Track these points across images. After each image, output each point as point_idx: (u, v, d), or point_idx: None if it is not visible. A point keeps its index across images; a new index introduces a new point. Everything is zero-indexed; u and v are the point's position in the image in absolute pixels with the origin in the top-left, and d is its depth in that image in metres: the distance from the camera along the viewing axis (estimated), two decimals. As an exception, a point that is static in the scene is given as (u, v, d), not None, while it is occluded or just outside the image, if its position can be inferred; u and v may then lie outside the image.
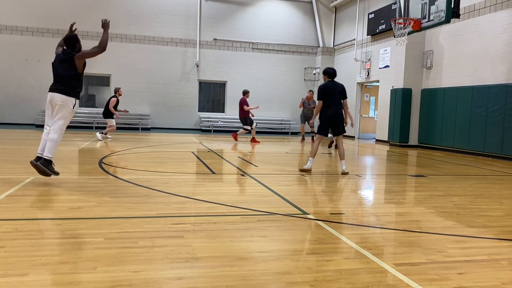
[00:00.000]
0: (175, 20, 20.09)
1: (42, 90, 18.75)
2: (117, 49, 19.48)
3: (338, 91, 7.69)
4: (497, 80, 11.70)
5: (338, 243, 3.58)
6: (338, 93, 7.68)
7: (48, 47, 18.83)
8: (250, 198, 5.34)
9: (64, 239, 3.46)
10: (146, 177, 6.66)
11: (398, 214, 4.88)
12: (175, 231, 3.74)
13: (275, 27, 21.23)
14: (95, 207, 4.51)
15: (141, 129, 19.26)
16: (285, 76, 21.49)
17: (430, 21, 10.41)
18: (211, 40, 20.58)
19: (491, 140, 11.77)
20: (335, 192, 6.31)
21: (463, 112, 12.85)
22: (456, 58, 13.30)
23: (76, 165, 8.00)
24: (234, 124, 20.37)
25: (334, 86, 7.72)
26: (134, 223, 3.95)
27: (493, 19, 11.88)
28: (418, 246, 3.57)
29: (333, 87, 7.70)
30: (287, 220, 4.30)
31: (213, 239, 3.55)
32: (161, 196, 5.21)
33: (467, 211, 5.01)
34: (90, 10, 19.15)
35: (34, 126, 18.42)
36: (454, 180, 7.58)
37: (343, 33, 20.74)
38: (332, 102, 7.64)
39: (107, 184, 5.95)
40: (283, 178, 7.22)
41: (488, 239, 3.92)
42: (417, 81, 14.96)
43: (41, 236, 3.49)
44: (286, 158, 10.71)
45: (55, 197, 5.00)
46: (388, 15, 15.51)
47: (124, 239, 3.46)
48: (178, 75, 20.23)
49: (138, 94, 19.83)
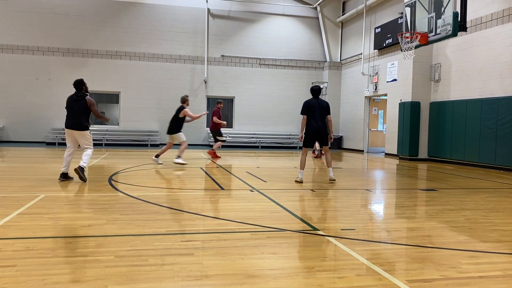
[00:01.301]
0: (183, 38, 20.35)
1: (52, 108, 19.03)
2: (126, 67, 19.75)
3: (320, 107, 8.27)
4: (506, 92, 11.64)
5: (350, 260, 3.54)
6: (321, 109, 8.26)
7: (58, 66, 19.17)
8: (260, 214, 5.32)
9: (75, 257, 3.47)
10: (156, 193, 6.67)
11: (409, 229, 4.83)
12: (185, 248, 3.73)
13: (282, 42, 21.40)
14: (105, 225, 4.52)
15: (150, 146, 19.37)
16: (292, 91, 21.56)
17: (437, 34, 10.41)
18: (218, 56, 20.77)
19: (502, 153, 11.65)
20: (345, 207, 6.26)
21: (472, 125, 12.76)
22: (464, 70, 13.27)
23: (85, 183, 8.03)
24: (242, 139, 20.43)
25: (317, 102, 8.30)
26: (144, 241, 3.95)
27: (500, 32, 11.87)
28: (431, 262, 3.52)
29: (316, 103, 8.28)
30: (297, 236, 4.27)
31: (223, 256, 3.53)
32: (170, 213, 5.21)
33: (479, 225, 4.94)
34: (99, 29, 19.49)
35: (44, 143, 18.62)
36: (466, 193, 7.49)
37: (350, 47, 20.83)
38: (315, 117, 8.24)
39: (117, 201, 5.97)
40: (293, 193, 7.19)
41: (502, 254, 3.85)
42: (425, 94, 14.92)
43: (52, 255, 3.50)
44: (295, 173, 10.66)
45: (66, 215, 5.03)
46: (395, 29, 15.58)
47: (134, 257, 3.45)
48: (186, 91, 20.36)
49: (147, 111, 20.00)
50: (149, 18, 19.98)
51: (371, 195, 7.37)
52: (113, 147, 18.48)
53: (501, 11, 11.82)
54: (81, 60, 19.36)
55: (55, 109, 19.09)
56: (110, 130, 19.77)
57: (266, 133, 21.11)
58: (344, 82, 21.28)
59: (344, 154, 17.31)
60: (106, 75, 19.58)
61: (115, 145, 19.18)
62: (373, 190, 7.81)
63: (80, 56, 19.36)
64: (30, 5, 18.84)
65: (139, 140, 19.61)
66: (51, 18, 19.00)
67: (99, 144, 19.05)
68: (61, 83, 19.15)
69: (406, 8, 11.51)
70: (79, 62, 19.32)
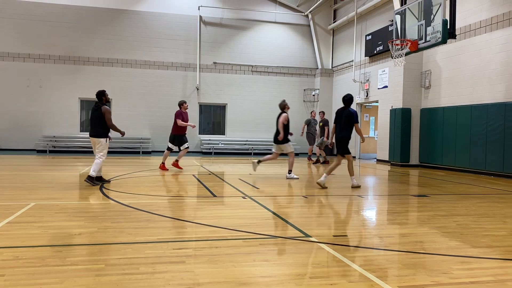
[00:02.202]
0: (176, 45, 20.37)
1: (43, 116, 18.90)
2: (118, 74, 19.70)
3: (344, 117, 8.60)
4: (495, 99, 11.78)
5: (342, 266, 3.54)
6: (344, 119, 8.58)
7: (49, 74, 19.06)
8: (252, 221, 5.30)
9: (65, 266, 3.43)
10: (147, 201, 6.63)
11: (401, 235, 4.84)
12: (177, 256, 3.71)
13: (274, 50, 21.50)
14: (96, 233, 4.48)
15: (142, 153, 19.28)
16: (285, 98, 21.50)
17: (427, 42, 10.53)
18: (211, 63, 20.81)
19: (492, 159, 11.76)
20: (338, 213, 6.27)
21: (463, 131, 12.88)
22: (454, 77, 13.42)
23: (76, 190, 7.97)
24: (234, 146, 20.42)
25: (342, 112, 8.71)
26: (135, 249, 3.92)
27: (489, 39, 12.03)
28: (423, 268, 3.53)
29: (341, 113, 8.72)
30: (289, 243, 4.27)
31: (215, 264, 3.52)
32: (162, 221, 5.18)
33: (470, 231, 4.97)
34: (91, 37, 19.45)
35: (35, 151, 18.46)
36: (457, 199, 7.54)
37: (341, 54, 20.97)
38: (339, 126, 8.71)
39: (108, 209, 5.92)
40: (285, 200, 7.19)
41: (493, 259, 3.88)
42: (416, 101, 15.04)
43: (41, 264, 3.46)
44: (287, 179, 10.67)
45: (56, 223, 4.98)
46: (385, 36, 15.72)
47: (126, 265, 3.43)
48: (178, 98, 20.26)
49: (139, 118, 19.94)
50: (141, 26, 19.98)
51: (363, 201, 7.38)
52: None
53: (490, 19, 11.99)
54: (72, 67, 19.28)
55: (46, 117, 18.98)
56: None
57: (258, 139, 21.13)
58: (336, 89, 21.40)
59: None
60: (98, 82, 19.48)
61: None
62: (365, 196, 7.84)
63: (71, 63, 19.28)
64: (21, 12, 18.76)
65: (130, 147, 19.51)
66: (42, 25, 18.92)
67: (90, 151, 18.92)
68: (52, 90, 19.05)
69: (396, 15, 11.64)
70: (70, 70, 19.24)
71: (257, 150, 20.67)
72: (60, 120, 19.11)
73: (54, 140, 18.89)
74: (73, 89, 19.29)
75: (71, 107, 19.34)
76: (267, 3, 21.40)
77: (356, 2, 18.96)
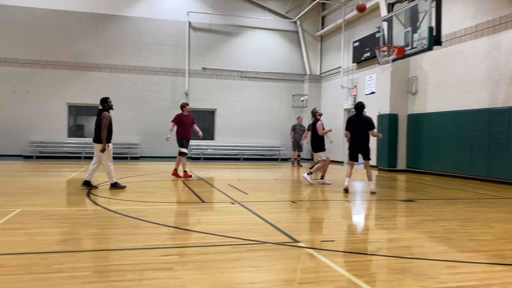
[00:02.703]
0: (164, 50, 20.32)
1: (29, 121, 18.67)
2: (106, 79, 19.57)
3: (359, 123, 8.81)
4: (481, 105, 11.95)
5: (330, 272, 3.55)
6: (359, 125, 8.80)
7: (36, 79, 18.86)
8: (240, 227, 5.29)
9: (50, 273, 3.38)
10: (135, 207, 6.58)
11: (389, 240, 4.87)
12: (164, 263, 3.68)
13: (263, 55, 21.57)
14: (83, 240, 4.43)
15: (130, 158, 19.14)
16: (273, 103, 21.70)
17: (413, 48, 10.66)
18: (200, 69, 20.79)
19: (477, 164, 11.91)
20: (326, 219, 6.29)
21: (449, 137, 13.03)
22: (440, 83, 13.59)
23: (64, 196, 7.89)
24: (223, 151, 20.38)
25: (356, 118, 8.90)
26: (122, 256, 3.88)
27: (474, 46, 12.22)
28: (410, 273, 3.55)
29: (355, 119, 8.90)
30: (278, 249, 4.26)
31: (202, 270, 3.50)
32: (150, 227, 5.14)
33: (457, 235, 5.02)
34: (78, 42, 19.31)
35: (21, 157, 18.22)
36: (444, 204, 7.61)
37: (329, 61, 21.12)
38: (353, 132, 8.88)
39: (95, 216, 5.86)
40: (274, 205, 7.19)
41: (479, 264, 3.92)
42: (403, 107, 15.19)
43: (26, 271, 3.41)
44: (276, 185, 10.69)
45: (42, 230, 4.91)
46: (373, 43, 15.87)
47: (112, 273, 3.39)
48: (167, 103, 20.30)
49: (127, 123, 19.79)
50: (130, 31, 19.91)
51: (351, 206, 7.41)
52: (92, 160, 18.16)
53: (474, 26, 12.19)
54: (60, 72, 19.11)
55: (33, 122, 18.75)
56: (89, 143, 19.36)
57: (247, 145, 21.12)
58: (324, 94, 21.53)
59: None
60: (86, 88, 19.36)
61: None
62: (353, 202, 7.87)
63: (59, 68, 19.11)
64: (8, 17, 18.56)
65: (118, 153, 19.31)
66: (29, 30, 18.74)
67: (77, 157, 18.75)
68: (39, 95, 18.84)
69: (383, 22, 11.78)
70: (58, 75, 19.07)
71: (246, 155, 20.66)
72: (47, 126, 18.89)
73: (41, 146, 18.66)
74: (61, 94, 19.10)
75: (59, 113, 19.14)
76: (256, 9, 21.49)
77: (344, 9, 19.14)
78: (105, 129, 8.26)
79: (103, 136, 8.26)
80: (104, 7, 19.62)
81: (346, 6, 19.06)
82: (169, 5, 20.37)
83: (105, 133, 8.28)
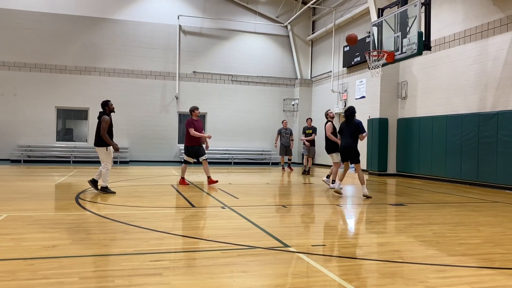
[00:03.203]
0: (155, 54, 20.26)
1: (18, 125, 18.48)
2: (95, 83, 19.45)
3: (349, 127, 8.99)
4: (469, 109, 12.07)
5: (321, 276, 3.53)
6: (349, 129, 8.97)
7: (24, 82, 18.68)
8: (231, 232, 5.26)
9: (37, 280, 3.32)
10: (124, 212, 6.52)
11: (379, 244, 4.87)
12: (154, 268, 3.64)
13: (254, 59, 21.61)
14: (70, 245, 4.37)
15: (120, 163, 19.00)
16: (264, 107, 21.73)
17: (403, 53, 10.74)
18: (190, 72, 20.76)
19: (466, 168, 12.02)
20: (316, 223, 6.28)
21: (438, 141, 13.14)
22: (430, 88, 13.71)
23: (51, 201, 7.78)
24: (214, 155, 20.32)
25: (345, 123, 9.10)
26: (111, 261, 3.83)
27: (462, 51, 12.36)
28: (400, 277, 3.56)
29: (344, 124, 9.11)
30: (268, 253, 4.24)
31: (192, 276, 3.46)
32: (139, 232, 5.09)
33: (446, 239, 5.05)
34: (68, 45, 19.18)
35: (9, 161, 17.99)
36: (433, 208, 7.65)
37: (320, 65, 21.22)
38: (343, 136, 9.09)
39: (83, 221, 5.79)
40: (264, 210, 7.17)
41: (468, 267, 3.93)
42: (393, 111, 15.30)
43: (12, 278, 3.34)
44: (267, 189, 10.67)
45: (28, 235, 4.83)
46: (363, 47, 15.97)
47: (100, 278, 3.34)
48: (157, 107, 20.24)
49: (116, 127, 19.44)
50: (120, 34, 19.82)
51: (342, 210, 7.42)
52: (81, 164, 18.04)
53: (463, 32, 12.33)
54: (49, 75, 18.95)
55: (21, 126, 18.54)
56: (78, 147, 19.32)
57: (238, 149, 21.11)
58: (315, 99, 21.61)
59: (316, 169, 17.45)
60: (75, 91, 19.21)
61: (83, 162, 18.73)
62: (343, 206, 7.88)
63: (48, 71, 18.95)
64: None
65: (108, 157, 19.19)
66: (17, 33, 18.57)
67: (66, 161, 18.57)
68: (27, 99, 18.66)
69: (373, 27, 11.85)
70: (47, 78, 18.90)
71: (237, 159, 20.64)
72: (35, 129, 18.70)
73: (29, 150, 18.47)
74: (49, 98, 18.93)
75: (47, 116, 18.96)
76: (246, 13, 21.54)
77: (334, 14, 19.26)
78: (104, 132, 8.28)
79: (105, 138, 8.28)
80: (93, 10, 19.53)
81: (336, 11, 19.19)
82: (159, 9, 20.34)
83: (107, 136, 8.31)
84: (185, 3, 20.66)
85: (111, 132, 8.51)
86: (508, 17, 10.89)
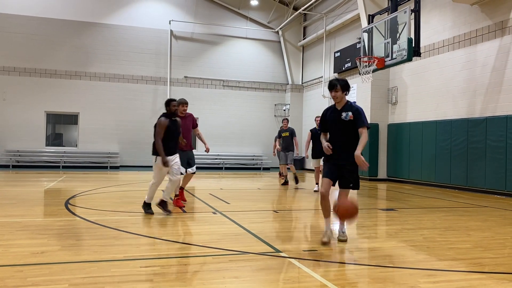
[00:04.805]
0: (146, 59, 20.20)
1: (6, 130, 18.28)
2: (86, 87, 19.33)
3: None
4: (459, 115, 12.19)
5: (312, 281, 3.53)
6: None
7: (14, 86, 18.50)
8: (222, 237, 5.24)
9: (25, 286, 3.28)
10: (115, 217, 6.47)
11: (370, 249, 4.89)
12: (144, 274, 3.61)
13: (245, 65, 21.65)
14: (60, 251, 4.32)
15: (110, 168, 18.87)
16: (256, 113, 21.76)
17: (393, 59, 10.84)
18: (181, 77, 20.73)
19: (456, 173, 12.12)
20: (307, 228, 6.29)
21: (428, 146, 13.24)
22: (420, 94, 13.83)
23: (41, 207, 7.70)
24: (206, 160, 20.27)
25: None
26: (101, 267, 3.80)
27: (451, 57, 12.50)
28: (391, 282, 3.57)
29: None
30: (260, 259, 4.23)
31: (183, 282, 3.44)
32: (129, 238, 5.05)
33: (436, 244, 5.08)
34: (58, 49, 19.06)
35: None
36: (423, 213, 7.70)
37: (311, 70, 21.32)
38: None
39: (73, 226, 5.73)
40: (256, 215, 7.16)
41: (458, 272, 3.96)
42: (383, 116, 15.40)
43: (0, 285, 3.30)
44: (258, 194, 10.67)
45: (17, 242, 4.77)
46: (353, 53, 16.09)
47: (90, 285, 3.31)
48: (148, 112, 20.15)
49: (107, 132, 19.55)
50: (111, 39, 19.74)
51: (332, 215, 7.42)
52: (71, 169, 17.88)
53: (452, 38, 12.48)
54: (38, 80, 18.79)
55: (10, 131, 18.35)
56: (68, 152, 19.16)
57: (230, 154, 21.07)
58: (306, 104, 21.68)
59: (307, 174, 17.49)
60: (65, 96, 19.07)
61: (73, 167, 18.57)
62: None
63: (37, 76, 18.80)
64: (-15, 23, 18.22)
65: (98, 162, 19.07)
66: (6, 37, 18.42)
67: (56, 166, 18.39)
68: (17, 103, 18.48)
69: (364, 33, 11.96)
70: (36, 82, 18.75)
71: (228, 164, 20.61)
72: (24, 134, 18.51)
73: (18, 155, 18.26)
74: (39, 102, 18.77)
75: (37, 121, 18.78)
76: (238, 19, 21.60)
77: (325, 20, 19.39)
78: (159, 139, 6.51)
79: (157, 146, 6.52)
80: (84, 15, 19.45)
81: (327, 17, 19.33)
82: (150, 14, 20.32)
83: (160, 144, 6.47)
84: (176, 8, 20.67)
85: (168, 139, 6.60)
86: (496, 24, 11.05)
